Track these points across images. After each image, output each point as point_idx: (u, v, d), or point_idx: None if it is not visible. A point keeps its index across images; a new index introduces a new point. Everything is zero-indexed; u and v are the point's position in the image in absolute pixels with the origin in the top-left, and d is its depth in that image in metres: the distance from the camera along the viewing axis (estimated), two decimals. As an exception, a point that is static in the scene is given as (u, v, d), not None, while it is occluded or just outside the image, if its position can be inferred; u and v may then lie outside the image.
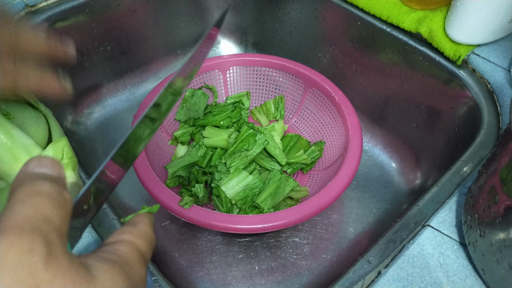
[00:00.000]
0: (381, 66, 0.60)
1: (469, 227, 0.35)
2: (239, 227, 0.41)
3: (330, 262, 0.52)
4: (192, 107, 0.59)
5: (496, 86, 0.49)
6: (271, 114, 0.62)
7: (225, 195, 0.49)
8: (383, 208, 0.58)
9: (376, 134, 0.66)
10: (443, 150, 0.56)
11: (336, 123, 0.55)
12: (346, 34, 0.62)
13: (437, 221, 0.38)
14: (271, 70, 0.60)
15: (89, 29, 0.62)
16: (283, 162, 0.54)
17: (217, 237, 0.54)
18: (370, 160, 0.64)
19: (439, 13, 0.54)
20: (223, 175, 0.52)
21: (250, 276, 0.51)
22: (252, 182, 0.50)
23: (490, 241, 0.32)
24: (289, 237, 0.54)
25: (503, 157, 0.31)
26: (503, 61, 0.51)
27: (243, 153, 0.54)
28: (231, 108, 0.60)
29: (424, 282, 0.34)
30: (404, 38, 0.56)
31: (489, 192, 0.32)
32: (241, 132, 0.55)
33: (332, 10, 0.62)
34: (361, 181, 0.61)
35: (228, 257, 0.52)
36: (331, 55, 0.66)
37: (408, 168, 0.62)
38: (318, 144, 0.57)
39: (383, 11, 0.56)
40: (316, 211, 0.42)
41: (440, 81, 0.54)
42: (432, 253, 0.36)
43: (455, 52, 0.51)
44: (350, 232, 0.55)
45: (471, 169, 0.43)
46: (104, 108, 0.69)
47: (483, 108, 0.49)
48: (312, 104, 0.59)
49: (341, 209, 0.58)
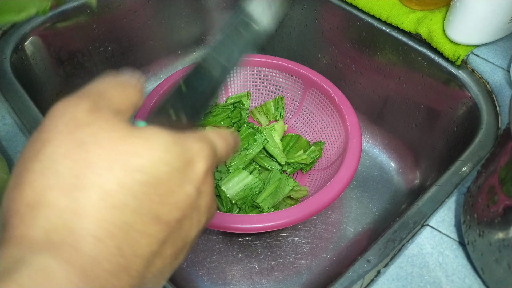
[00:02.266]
0: (380, 66, 0.60)
1: (468, 226, 0.35)
2: (239, 226, 0.41)
3: (330, 261, 0.52)
4: (192, 107, 0.59)
5: (495, 87, 0.50)
6: (271, 114, 0.63)
7: (225, 194, 0.50)
8: (382, 208, 0.58)
9: (375, 134, 0.66)
10: (442, 150, 0.56)
11: (335, 123, 0.55)
12: (346, 35, 0.62)
13: (436, 221, 0.38)
14: (271, 71, 0.60)
15: (89, 30, 0.62)
16: (283, 162, 0.55)
17: (217, 236, 0.54)
18: (370, 160, 0.64)
19: (439, 13, 0.55)
20: (223, 175, 0.52)
21: (250, 275, 0.51)
22: (252, 182, 0.51)
23: (489, 241, 0.32)
24: (289, 236, 0.54)
25: (502, 157, 0.31)
26: (502, 62, 0.51)
27: (242, 153, 0.54)
28: (231, 109, 0.61)
29: (423, 281, 0.34)
30: (404, 38, 0.56)
31: (488, 192, 0.32)
32: (241, 131, 0.56)
33: (332, 11, 0.62)
34: (361, 181, 0.61)
35: (228, 257, 0.52)
36: (330, 55, 0.67)
37: (408, 168, 0.62)
38: (318, 144, 0.57)
39: (382, 11, 0.56)
40: (316, 211, 0.42)
41: (439, 82, 0.54)
42: (431, 253, 0.36)
43: (454, 52, 0.51)
44: (350, 232, 0.55)
45: (470, 169, 0.43)
46: (105, 108, 0.69)
47: (482, 108, 0.49)
48: (311, 104, 0.59)
49: (341, 208, 0.58)
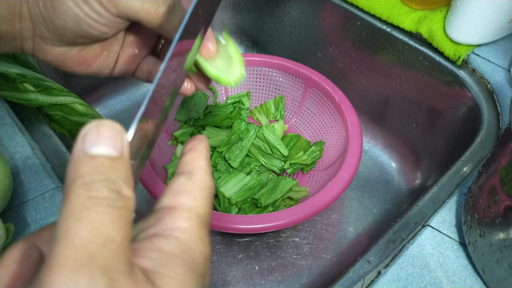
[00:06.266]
0: (381, 66, 0.60)
1: (469, 227, 0.35)
2: (239, 227, 0.41)
3: (330, 262, 0.52)
4: (192, 107, 0.59)
5: (496, 86, 0.49)
6: (271, 114, 0.62)
7: (223, 195, 0.50)
8: (383, 208, 0.58)
9: (376, 134, 0.66)
10: (443, 150, 0.56)
11: (336, 123, 0.55)
12: (346, 34, 0.62)
13: (437, 221, 0.38)
14: (271, 70, 0.60)
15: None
16: (286, 153, 0.55)
17: (217, 237, 0.54)
18: (370, 160, 0.64)
19: (439, 13, 0.54)
20: (221, 174, 0.53)
21: (250, 276, 0.51)
22: (250, 183, 0.51)
23: (490, 241, 0.32)
24: (289, 237, 0.54)
25: (503, 157, 0.31)
26: (503, 61, 0.51)
27: (239, 144, 0.54)
28: (231, 108, 0.60)
29: (424, 282, 0.34)
30: (404, 38, 0.56)
31: (489, 192, 0.32)
32: (234, 126, 0.57)
33: (332, 10, 0.62)
34: (361, 181, 0.61)
35: (228, 257, 0.52)
36: (331, 55, 0.66)
37: (408, 168, 0.62)
38: (318, 144, 0.57)
39: (383, 11, 0.56)
40: (316, 211, 0.42)
41: (440, 81, 0.54)
42: (432, 253, 0.36)
43: (455, 52, 0.51)
44: (350, 232, 0.55)
45: (471, 169, 0.43)
46: (104, 108, 0.69)
47: (483, 108, 0.49)
48: (312, 104, 0.59)
49: (341, 209, 0.58)
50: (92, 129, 0.17)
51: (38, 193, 0.38)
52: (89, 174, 0.16)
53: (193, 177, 0.21)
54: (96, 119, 0.17)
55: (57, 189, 0.39)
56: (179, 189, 0.20)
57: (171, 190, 0.20)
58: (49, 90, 0.45)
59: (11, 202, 0.37)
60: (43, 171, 0.40)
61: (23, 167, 0.40)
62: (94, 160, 0.16)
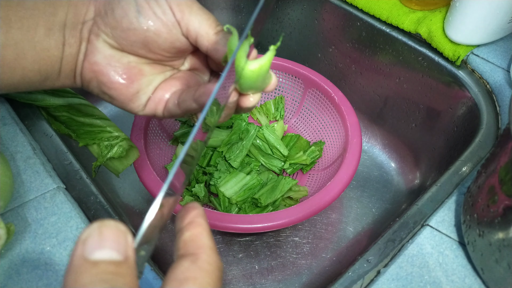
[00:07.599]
0: (380, 66, 0.60)
1: (468, 226, 0.35)
2: (239, 226, 0.41)
3: (330, 261, 0.52)
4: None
5: (495, 87, 0.50)
6: (271, 114, 0.63)
7: (223, 194, 0.50)
8: (382, 208, 0.58)
9: (375, 134, 0.66)
10: (442, 150, 0.57)
11: (335, 123, 0.55)
12: (346, 35, 0.62)
13: (436, 221, 0.38)
14: (271, 70, 0.60)
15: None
16: (285, 153, 0.55)
17: (217, 236, 0.54)
18: (370, 160, 0.64)
19: (439, 13, 0.55)
20: (222, 174, 0.53)
21: (250, 275, 0.51)
22: (250, 182, 0.51)
23: (489, 241, 0.32)
24: (289, 236, 0.54)
25: (502, 157, 0.31)
26: (502, 62, 0.51)
27: (239, 144, 0.54)
28: (231, 108, 0.61)
29: (423, 281, 0.34)
30: (404, 38, 0.56)
31: (488, 192, 0.32)
32: (234, 126, 0.57)
33: (332, 11, 0.62)
34: (361, 181, 0.61)
35: (228, 256, 0.52)
36: (330, 55, 0.67)
37: (407, 168, 0.62)
38: (318, 144, 0.58)
39: (382, 11, 0.56)
40: (316, 211, 0.42)
41: (439, 82, 0.54)
42: (431, 253, 0.36)
43: (454, 52, 0.51)
44: (350, 232, 0.56)
45: (470, 169, 0.43)
46: (105, 108, 0.69)
47: (482, 108, 0.49)
48: (311, 104, 0.59)
49: (341, 208, 0.58)
50: (93, 231, 0.16)
51: (39, 193, 0.38)
52: (92, 283, 0.14)
53: (198, 260, 0.18)
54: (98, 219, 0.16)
55: (58, 189, 0.39)
56: (184, 277, 0.18)
57: (174, 279, 0.18)
58: (56, 91, 0.45)
59: (12, 202, 0.38)
60: (44, 171, 0.40)
61: (24, 167, 0.40)
62: (96, 267, 0.15)
